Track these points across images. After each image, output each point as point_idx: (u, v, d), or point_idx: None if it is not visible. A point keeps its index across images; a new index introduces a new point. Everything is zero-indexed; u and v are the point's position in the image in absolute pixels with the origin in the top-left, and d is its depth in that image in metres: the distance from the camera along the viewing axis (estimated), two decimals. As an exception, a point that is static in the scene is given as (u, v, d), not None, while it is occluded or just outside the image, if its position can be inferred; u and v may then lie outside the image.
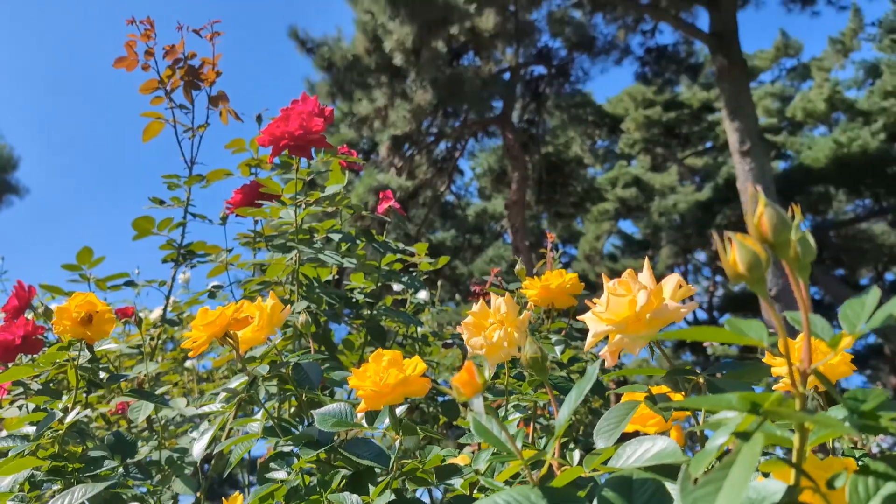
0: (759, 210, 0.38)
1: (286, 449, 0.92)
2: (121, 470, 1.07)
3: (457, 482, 0.82)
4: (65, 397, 1.26)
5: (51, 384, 1.55)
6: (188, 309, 1.88)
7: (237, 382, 0.99)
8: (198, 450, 0.85)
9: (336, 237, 1.52)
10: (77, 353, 1.09)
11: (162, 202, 1.75)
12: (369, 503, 0.77)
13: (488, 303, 0.89)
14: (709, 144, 15.58)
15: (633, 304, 0.62)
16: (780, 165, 13.66)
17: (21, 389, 1.61)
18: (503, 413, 0.86)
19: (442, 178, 12.11)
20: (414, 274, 1.77)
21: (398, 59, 9.01)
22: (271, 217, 1.51)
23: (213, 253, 1.76)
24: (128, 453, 1.07)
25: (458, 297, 11.47)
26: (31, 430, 1.05)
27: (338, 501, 0.76)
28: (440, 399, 1.52)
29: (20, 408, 1.53)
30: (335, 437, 0.87)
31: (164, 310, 1.69)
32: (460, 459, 0.86)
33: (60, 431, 1.02)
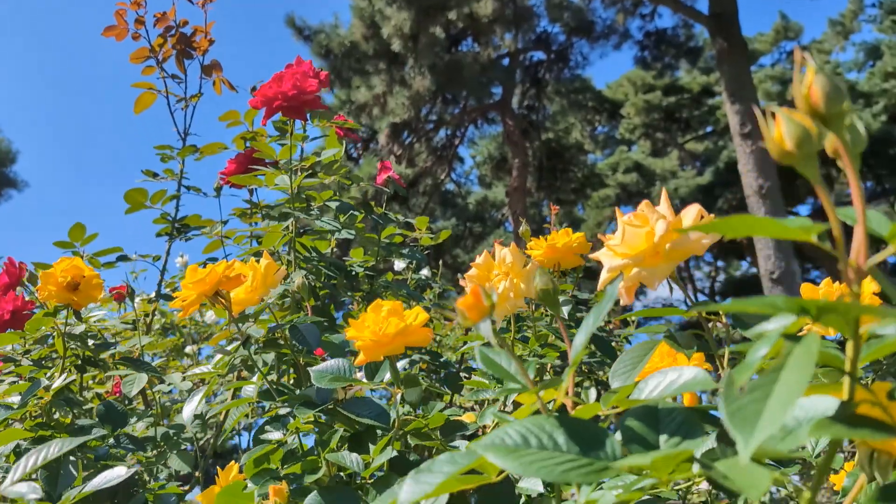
0: (808, 79, 0.33)
1: (283, 411, 0.87)
2: (111, 440, 1.02)
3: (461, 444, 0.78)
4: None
5: (42, 361, 1.51)
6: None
7: (233, 346, 0.95)
8: (188, 411, 0.81)
9: (333, 205, 1.47)
10: (64, 320, 1.05)
11: (155, 175, 1.70)
12: (369, 462, 0.73)
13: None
14: (709, 129, 15.50)
15: (651, 235, 0.57)
16: (781, 148, 13.57)
17: (12, 367, 1.57)
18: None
19: (442, 165, 12.05)
20: (415, 248, 1.72)
21: (396, 45, 8.94)
22: (266, 185, 1.47)
23: (208, 226, 1.71)
24: (118, 423, 1.03)
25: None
26: (16, 399, 1.00)
27: (336, 461, 0.72)
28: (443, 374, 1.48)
29: (11, 384, 1.49)
30: (333, 397, 0.83)
31: (159, 285, 1.64)
32: (466, 418, 0.81)
33: (46, 399, 0.98)
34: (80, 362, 1.07)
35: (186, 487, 1.28)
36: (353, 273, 1.61)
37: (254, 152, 1.63)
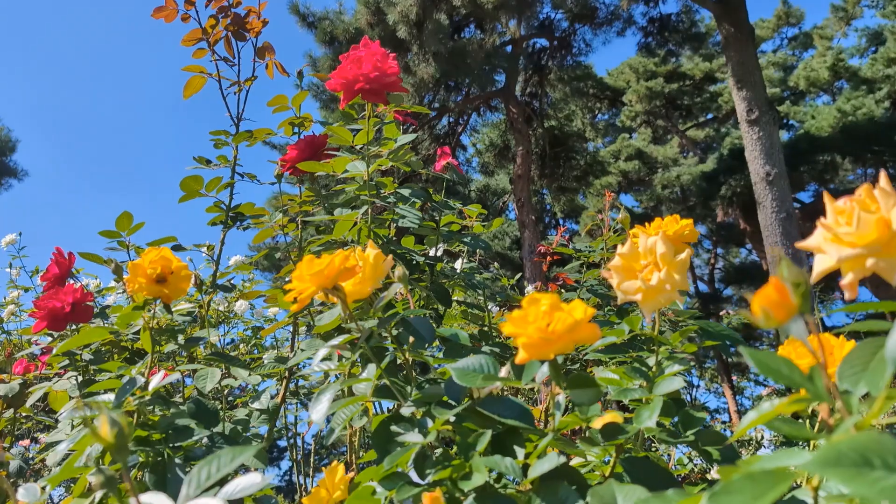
0: None
1: (406, 411, 0.82)
2: (205, 440, 0.97)
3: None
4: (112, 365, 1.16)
5: (103, 355, 1.46)
6: (236, 275, 1.78)
7: (339, 339, 0.89)
8: (318, 414, 0.76)
9: (406, 192, 1.41)
10: (151, 314, 0.99)
11: (208, 162, 1.64)
12: (524, 466, 0.68)
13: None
14: (709, 116, 15.45)
15: (887, 222, 0.52)
16: (784, 135, 13.55)
17: (67, 361, 1.52)
18: (659, 365, 0.77)
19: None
20: (479, 235, 1.67)
21: (402, 32, 8.85)
22: (335, 171, 1.41)
23: (263, 215, 1.65)
24: (210, 422, 0.98)
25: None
26: (107, 398, 0.95)
27: (491, 465, 0.67)
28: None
29: (69, 380, 1.44)
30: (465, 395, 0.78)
31: (214, 276, 1.58)
32: (610, 417, 0.76)
33: (146, 398, 0.93)
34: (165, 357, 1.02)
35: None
36: (415, 262, 1.56)
37: (315, 139, 1.58)
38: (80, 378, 1.43)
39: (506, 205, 14.20)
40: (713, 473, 1.27)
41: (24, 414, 1.87)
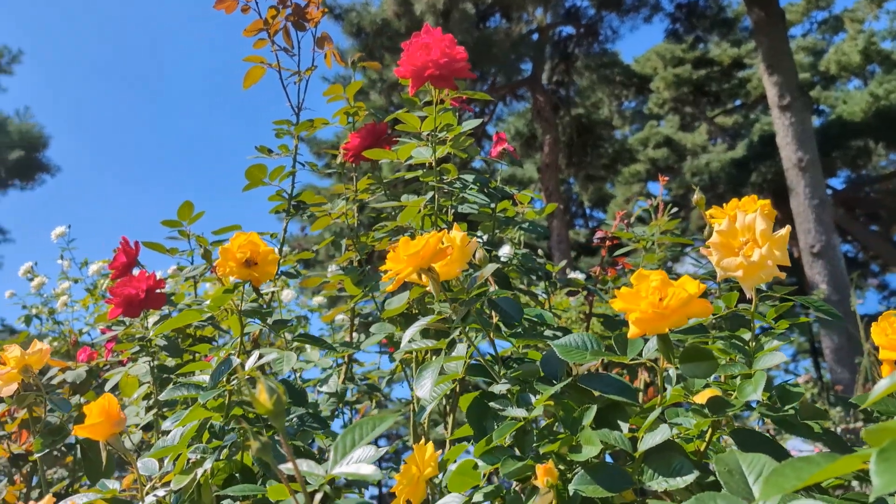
0: None
1: (498, 388, 0.84)
2: (295, 420, 1.00)
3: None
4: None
5: (177, 339, 1.50)
6: (296, 263, 1.80)
7: (428, 320, 0.91)
8: (424, 390, 0.78)
9: (470, 178, 1.43)
10: (240, 297, 1.02)
11: (270, 151, 1.66)
12: (638, 438, 0.69)
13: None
14: (738, 102, 15.29)
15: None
16: (815, 121, 13.38)
17: (138, 347, 1.55)
18: (757, 340, 0.78)
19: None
20: (536, 221, 1.68)
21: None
22: (399, 158, 1.43)
23: (323, 203, 1.68)
24: (300, 402, 1.01)
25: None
26: (202, 378, 0.98)
27: (604, 438, 0.69)
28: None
29: (145, 364, 1.48)
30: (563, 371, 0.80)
31: (278, 263, 1.61)
32: (710, 392, 0.77)
33: (238, 379, 0.95)
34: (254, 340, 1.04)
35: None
36: (473, 248, 1.58)
37: (375, 127, 1.60)
38: (152, 363, 1.46)
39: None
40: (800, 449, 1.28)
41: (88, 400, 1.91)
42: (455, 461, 0.98)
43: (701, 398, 0.80)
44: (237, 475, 0.98)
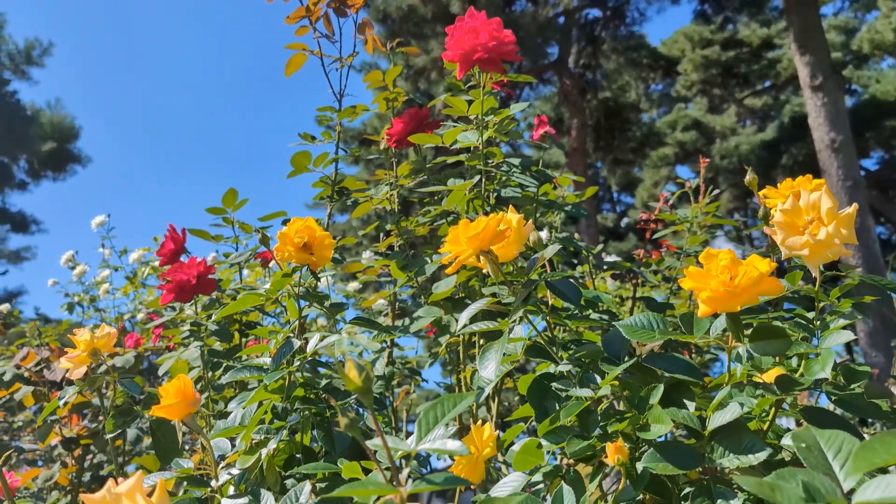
0: None
1: (562, 368, 0.85)
2: (353, 401, 1.01)
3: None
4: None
5: (227, 324, 1.52)
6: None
7: (484, 302, 0.92)
8: (489, 371, 0.78)
9: (516, 161, 1.43)
10: (298, 281, 1.03)
11: (313, 138, 1.68)
12: (706, 418, 0.70)
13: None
14: (767, 83, 15.06)
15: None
16: (847, 101, 13.15)
17: (188, 333, 1.58)
18: (823, 319, 0.78)
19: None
20: (578, 203, 1.68)
21: (455, 7, 8.81)
22: (444, 142, 1.43)
23: (366, 189, 1.69)
24: (357, 384, 1.02)
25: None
26: (262, 360, 1.00)
27: (673, 416, 0.69)
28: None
29: (195, 348, 1.50)
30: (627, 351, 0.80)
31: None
32: (777, 371, 0.77)
33: (302, 361, 0.97)
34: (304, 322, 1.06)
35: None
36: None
37: (418, 112, 1.60)
38: (203, 348, 1.49)
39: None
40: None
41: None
42: (513, 442, 0.99)
43: (772, 375, 0.80)
44: (297, 455, 1.00)
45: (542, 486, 0.87)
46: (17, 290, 15.49)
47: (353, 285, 3.08)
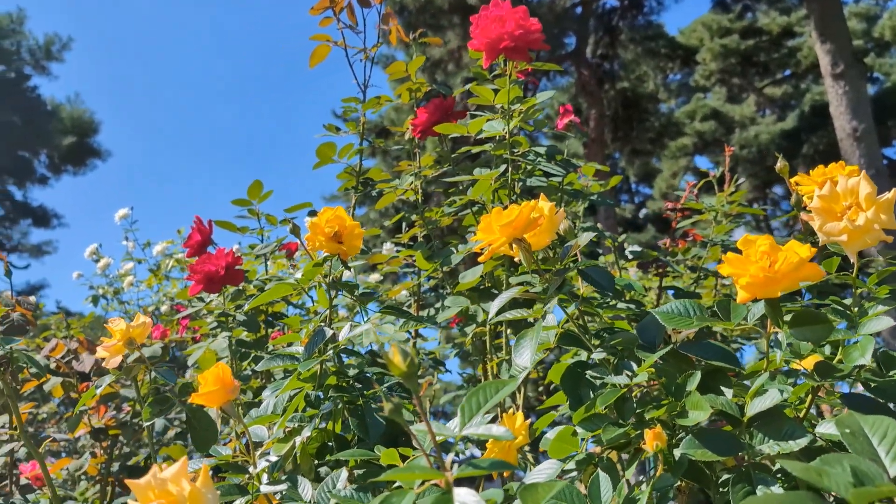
0: None
1: (595, 357, 0.84)
2: (385, 389, 1.02)
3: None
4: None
5: (254, 315, 1.53)
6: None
7: (516, 290, 0.92)
8: (524, 359, 0.79)
9: (542, 150, 1.43)
10: (328, 270, 1.04)
11: (338, 129, 1.68)
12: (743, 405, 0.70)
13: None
14: (787, 72, 14.91)
15: None
16: (869, 89, 12.99)
17: (216, 324, 1.59)
18: (861, 306, 0.77)
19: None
20: (604, 192, 1.67)
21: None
22: (470, 132, 1.43)
23: (390, 180, 1.69)
24: (390, 371, 1.02)
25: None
26: (295, 349, 1.00)
27: (712, 402, 0.69)
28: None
29: (224, 339, 1.51)
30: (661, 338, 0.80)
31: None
32: (815, 358, 0.77)
33: (335, 350, 0.97)
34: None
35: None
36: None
37: (443, 102, 1.60)
38: (230, 339, 1.50)
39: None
40: None
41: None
42: (544, 430, 0.99)
43: (811, 362, 0.79)
44: (329, 444, 1.00)
45: (574, 473, 0.87)
46: (38, 284, 15.67)
47: (374, 277, 3.09)
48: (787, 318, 0.70)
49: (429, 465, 0.53)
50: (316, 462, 0.99)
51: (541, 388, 2.75)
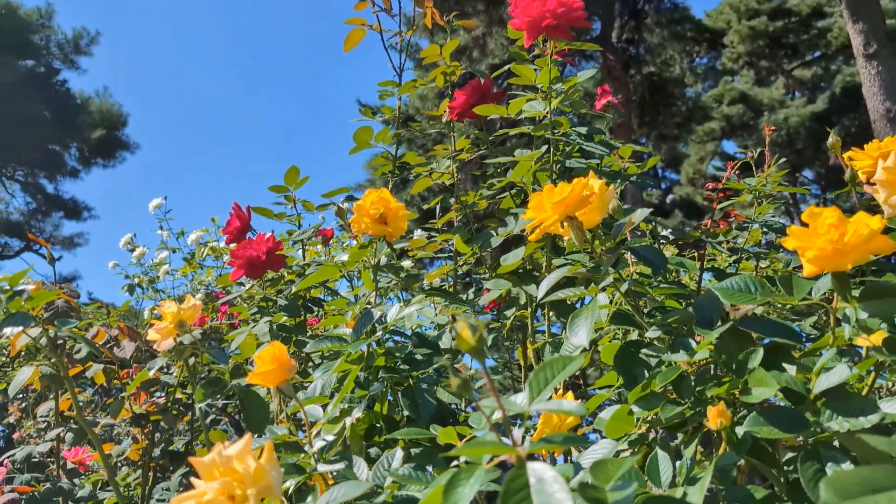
0: None
1: (652, 334, 0.83)
2: (432, 371, 1.01)
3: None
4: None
5: (295, 300, 1.53)
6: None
7: (565, 270, 0.91)
8: (580, 339, 0.78)
9: (583, 130, 1.41)
10: (373, 253, 1.04)
11: (374, 113, 1.68)
12: (807, 381, 0.68)
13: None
14: (817, 54, 14.65)
15: None
16: (902, 69, 12.71)
17: (256, 309, 1.60)
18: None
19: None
20: (645, 173, 1.65)
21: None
22: (509, 113, 1.42)
23: (426, 164, 1.68)
24: (436, 352, 1.02)
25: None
26: (343, 331, 1.00)
27: (778, 379, 0.67)
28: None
29: (265, 323, 1.52)
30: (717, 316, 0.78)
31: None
32: (880, 334, 0.75)
33: (384, 330, 0.97)
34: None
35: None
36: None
37: (480, 84, 1.59)
38: (272, 323, 1.51)
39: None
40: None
41: (204, 362, 1.99)
42: (594, 410, 0.99)
43: (879, 338, 0.77)
44: (377, 425, 1.00)
45: (628, 453, 0.86)
46: (71, 276, 15.91)
47: (407, 263, 3.09)
48: (855, 293, 0.68)
49: (497, 440, 0.52)
50: (364, 443, 0.99)
51: (577, 372, 2.73)
